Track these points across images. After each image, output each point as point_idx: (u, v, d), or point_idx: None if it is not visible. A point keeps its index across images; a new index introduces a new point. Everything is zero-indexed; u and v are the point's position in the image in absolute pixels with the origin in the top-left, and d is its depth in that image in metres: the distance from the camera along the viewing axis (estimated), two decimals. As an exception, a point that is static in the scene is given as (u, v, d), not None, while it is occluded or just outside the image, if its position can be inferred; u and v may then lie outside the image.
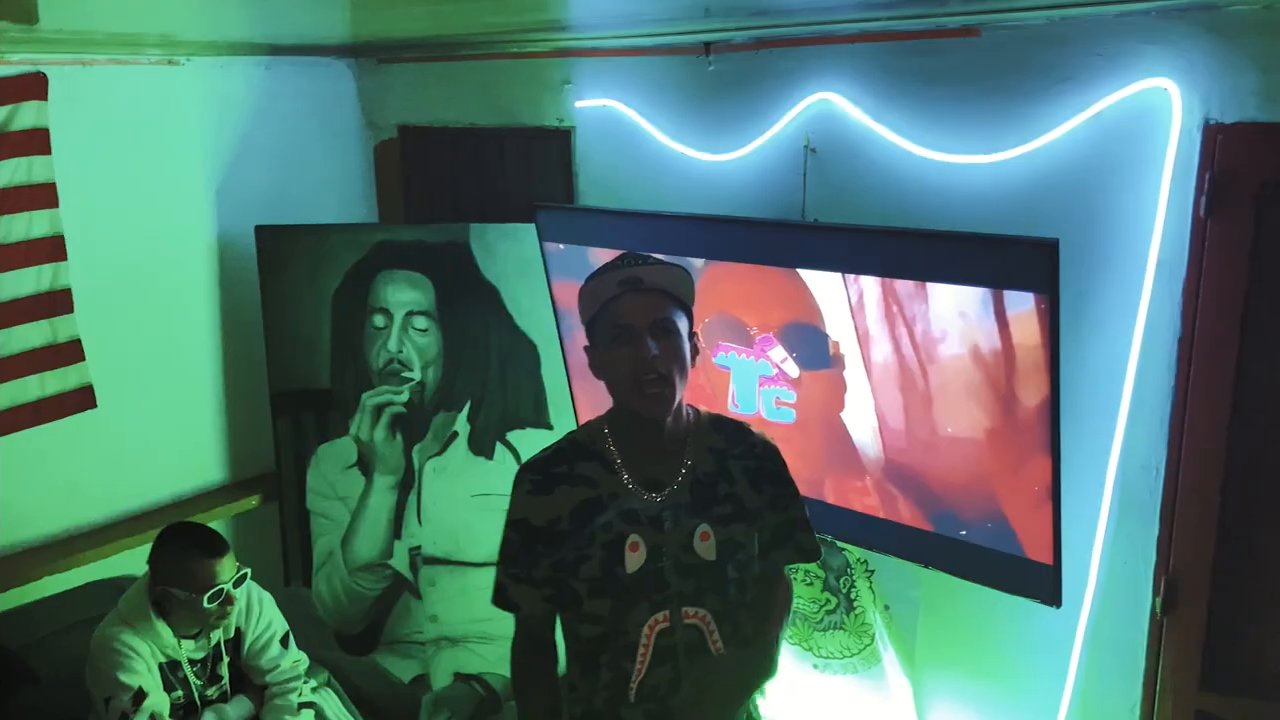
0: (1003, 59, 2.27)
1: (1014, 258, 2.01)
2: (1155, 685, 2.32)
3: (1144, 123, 2.12)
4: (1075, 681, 2.39)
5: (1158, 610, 2.29)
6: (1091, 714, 2.41)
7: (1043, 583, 2.19)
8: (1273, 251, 2.06)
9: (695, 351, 1.64)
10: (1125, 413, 2.23)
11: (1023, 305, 2.01)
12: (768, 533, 1.71)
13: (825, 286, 2.32)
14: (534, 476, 1.67)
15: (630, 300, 1.58)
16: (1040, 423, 2.06)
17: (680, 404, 1.65)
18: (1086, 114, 2.17)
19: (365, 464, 3.15)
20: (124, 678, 2.26)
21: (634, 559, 1.61)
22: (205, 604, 2.28)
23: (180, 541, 2.33)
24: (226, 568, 2.31)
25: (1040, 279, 1.95)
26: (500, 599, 1.69)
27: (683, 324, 1.61)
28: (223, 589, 2.29)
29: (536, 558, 1.64)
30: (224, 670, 2.48)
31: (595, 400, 2.97)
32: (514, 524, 1.67)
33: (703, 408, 1.75)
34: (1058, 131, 2.20)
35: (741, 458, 1.70)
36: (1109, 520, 2.29)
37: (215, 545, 2.31)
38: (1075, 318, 2.16)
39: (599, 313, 1.61)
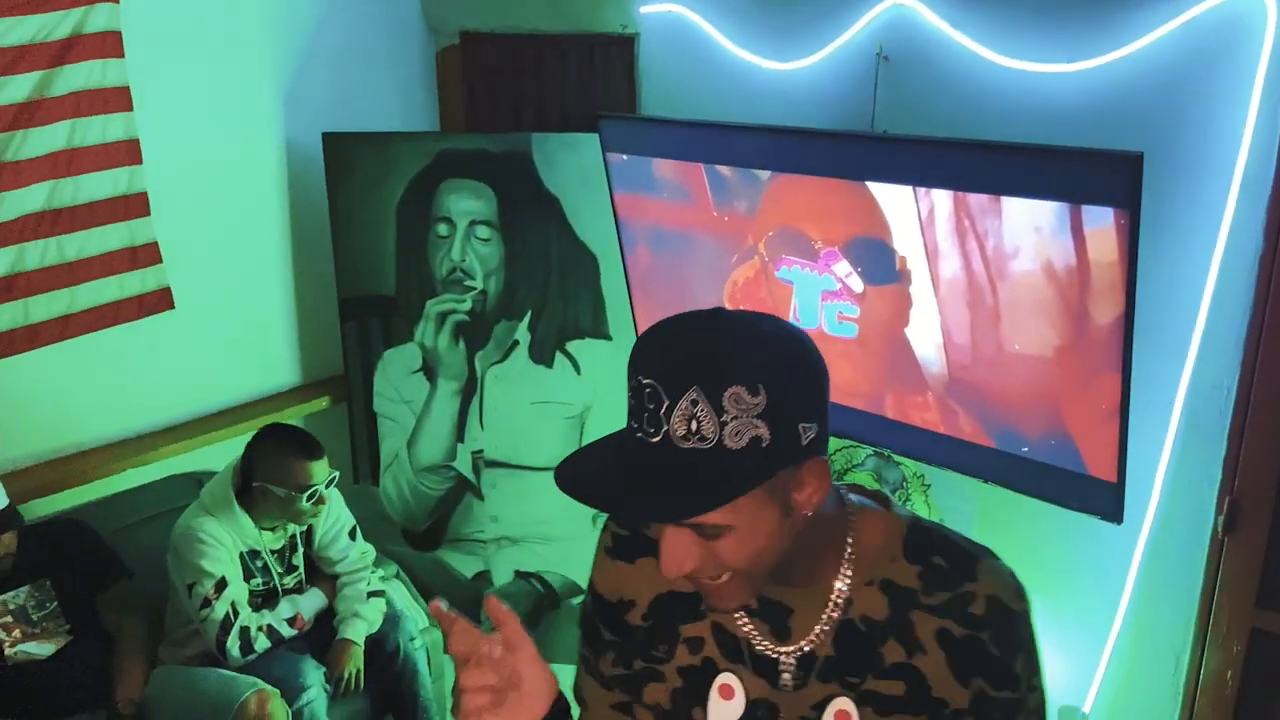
0: (1091, -37, 2.19)
1: (1095, 171, 1.96)
2: (1211, 602, 2.34)
3: (1237, 33, 2.05)
4: (1131, 597, 2.42)
5: (1219, 529, 2.29)
6: (1145, 628, 2.45)
7: (1105, 500, 2.19)
8: (1366, 168, 2.00)
9: (812, 451, 0.88)
10: (1200, 331, 2.20)
11: (1102, 221, 1.97)
12: None
13: (894, 200, 2.29)
14: (619, 530, 1.10)
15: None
16: (1112, 341, 2.04)
17: (838, 493, 0.99)
18: (1177, 21, 2.10)
19: (429, 369, 3.22)
20: (207, 565, 2.38)
21: (722, 710, 1.03)
22: (303, 503, 2.42)
23: (282, 442, 2.47)
24: (321, 470, 2.45)
25: (1122, 194, 1.91)
26: (575, 688, 1.17)
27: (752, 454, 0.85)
28: (317, 489, 2.44)
29: (605, 646, 1.11)
30: (299, 560, 2.61)
31: (654, 315, 2.99)
32: (590, 586, 1.13)
33: (897, 508, 1.03)
34: (1146, 40, 2.13)
35: (943, 614, 0.97)
36: (1175, 439, 2.29)
37: (314, 448, 2.46)
38: (1154, 234, 2.11)
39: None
